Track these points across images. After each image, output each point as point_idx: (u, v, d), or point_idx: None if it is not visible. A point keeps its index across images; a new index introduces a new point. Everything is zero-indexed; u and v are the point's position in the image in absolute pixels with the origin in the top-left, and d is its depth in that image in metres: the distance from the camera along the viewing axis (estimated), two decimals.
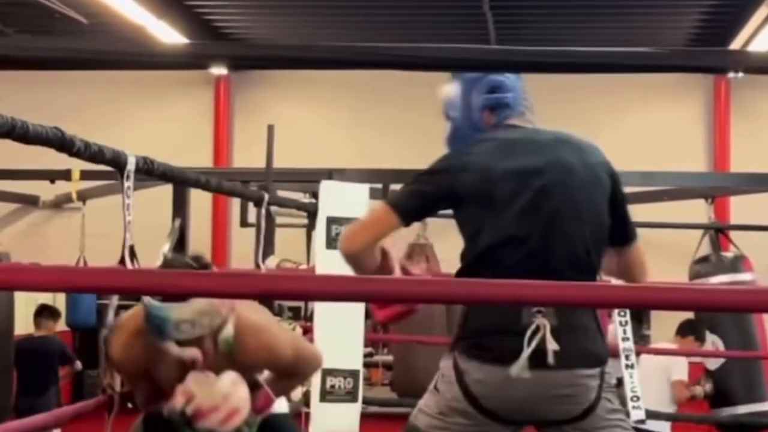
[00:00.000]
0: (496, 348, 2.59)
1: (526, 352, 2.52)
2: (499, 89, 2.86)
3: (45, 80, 10.14)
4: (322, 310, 5.34)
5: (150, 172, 3.32)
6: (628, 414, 5.36)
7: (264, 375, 3.26)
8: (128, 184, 3.22)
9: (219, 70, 10.27)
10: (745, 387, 6.52)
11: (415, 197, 2.79)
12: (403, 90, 10.17)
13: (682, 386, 6.63)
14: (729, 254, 6.88)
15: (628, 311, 4.96)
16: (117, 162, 3.16)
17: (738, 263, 6.69)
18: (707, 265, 6.66)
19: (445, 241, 8.95)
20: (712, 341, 6.55)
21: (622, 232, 2.85)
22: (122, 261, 3.20)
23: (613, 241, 2.81)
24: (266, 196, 4.52)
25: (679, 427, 7.05)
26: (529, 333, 2.54)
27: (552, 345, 2.53)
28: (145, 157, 3.34)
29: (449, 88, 2.94)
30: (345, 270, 2.72)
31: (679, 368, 6.62)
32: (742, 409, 6.47)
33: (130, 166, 3.22)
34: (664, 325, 7.53)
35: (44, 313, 7.96)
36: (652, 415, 5.57)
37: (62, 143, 2.79)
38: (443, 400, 2.68)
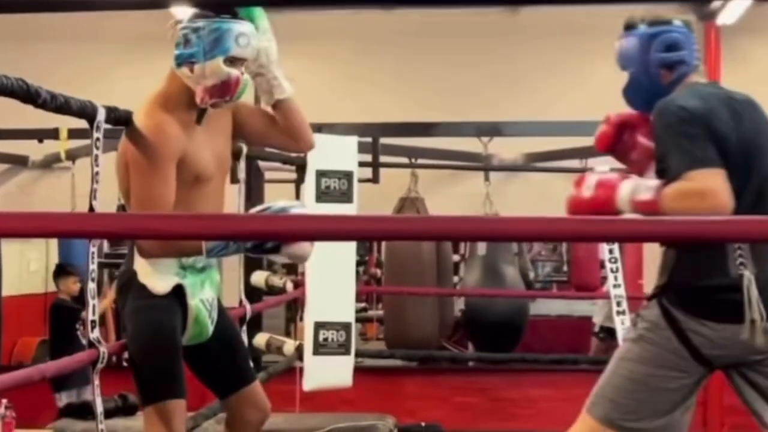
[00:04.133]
0: (713, 306, 2.73)
1: (752, 315, 2.68)
2: (675, 47, 2.96)
3: (25, 36, 10.05)
4: (313, 263, 5.34)
5: (119, 122, 3.27)
6: None
7: None
8: (98, 135, 3.20)
9: None
10: None
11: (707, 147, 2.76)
12: (396, 44, 10.10)
13: None
14: None
15: (619, 259, 4.95)
16: (85, 113, 3.12)
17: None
18: None
19: (436, 194, 9.00)
20: None
21: None
22: (91, 210, 3.21)
23: None
24: (244, 149, 4.46)
25: None
26: (746, 292, 2.68)
27: (758, 306, 2.67)
28: (112, 107, 3.28)
29: (625, 42, 3.05)
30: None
31: None
32: None
33: (100, 117, 3.19)
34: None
35: (58, 272, 7.82)
36: None
37: (27, 95, 2.75)
38: (654, 346, 2.78)
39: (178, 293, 3.23)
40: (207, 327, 3.33)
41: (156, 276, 3.20)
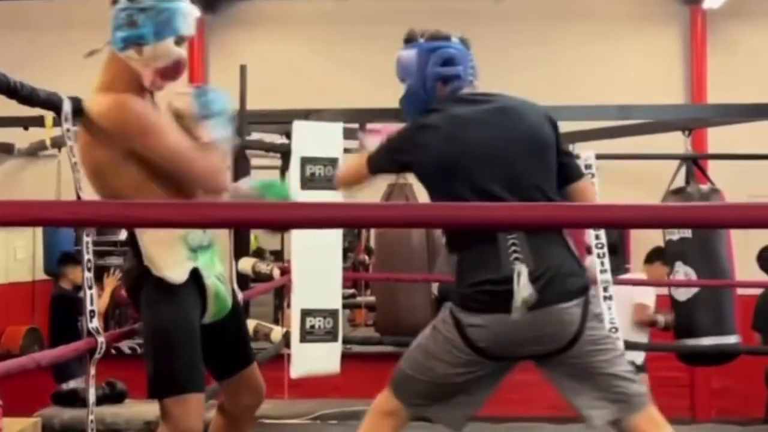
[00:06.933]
0: (485, 299, 2.81)
1: (518, 299, 2.73)
2: (451, 62, 3.05)
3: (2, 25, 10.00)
4: (300, 250, 5.34)
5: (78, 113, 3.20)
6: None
7: None
8: (67, 125, 3.14)
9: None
10: (712, 319, 6.50)
11: (386, 160, 3.08)
12: (381, 28, 10.06)
13: (643, 309, 6.70)
14: (704, 187, 6.84)
15: (605, 244, 4.96)
16: (51, 104, 3.07)
17: (713, 197, 6.65)
18: (682, 196, 6.61)
19: None
20: (685, 272, 6.54)
21: (570, 171, 3.06)
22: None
23: (562, 181, 3.02)
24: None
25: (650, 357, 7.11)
26: (516, 280, 2.75)
27: (528, 290, 2.74)
28: (78, 98, 3.17)
29: (405, 53, 3.11)
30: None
31: (642, 292, 6.67)
32: (707, 341, 6.45)
33: (66, 107, 3.13)
34: (641, 259, 7.55)
35: (63, 260, 7.73)
36: (628, 345, 5.60)
37: None
38: (443, 337, 2.92)
39: (195, 276, 3.09)
40: (226, 301, 3.23)
41: (171, 266, 3.04)
